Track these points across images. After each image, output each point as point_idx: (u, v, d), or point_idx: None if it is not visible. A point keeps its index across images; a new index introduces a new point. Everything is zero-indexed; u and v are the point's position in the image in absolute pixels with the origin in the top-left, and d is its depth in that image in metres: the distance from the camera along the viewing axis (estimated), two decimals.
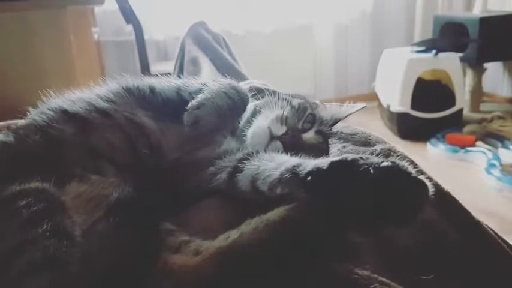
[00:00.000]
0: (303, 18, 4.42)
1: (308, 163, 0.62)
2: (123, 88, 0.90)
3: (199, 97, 0.84)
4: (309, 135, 0.87)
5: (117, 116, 0.81)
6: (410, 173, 0.56)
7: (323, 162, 0.60)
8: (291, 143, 0.82)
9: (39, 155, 0.73)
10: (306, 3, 4.36)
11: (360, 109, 1.01)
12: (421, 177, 0.56)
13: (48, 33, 1.95)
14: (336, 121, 0.98)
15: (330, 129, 0.95)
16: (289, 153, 0.73)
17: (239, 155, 0.78)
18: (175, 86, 0.91)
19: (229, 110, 0.85)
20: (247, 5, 4.17)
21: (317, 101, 1.03)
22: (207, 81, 0.91)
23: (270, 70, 3.85)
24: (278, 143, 0.81)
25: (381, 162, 0.56)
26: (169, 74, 1.92)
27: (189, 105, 0.83)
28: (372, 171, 0.55)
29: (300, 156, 0.69)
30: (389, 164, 0.56)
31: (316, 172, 0.59)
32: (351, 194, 0.56)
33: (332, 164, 0.59)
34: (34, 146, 0.74)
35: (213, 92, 0.85)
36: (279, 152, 0.77)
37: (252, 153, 0.75)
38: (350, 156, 0.59)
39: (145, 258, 0.61)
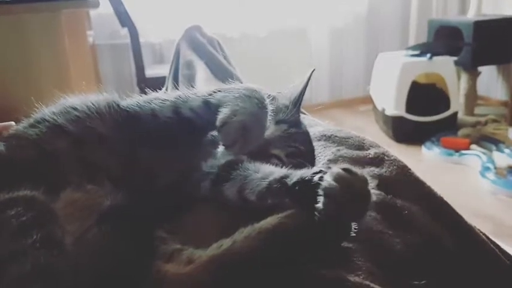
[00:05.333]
0: (298, 21, 4.43)
1: (295, 173, 0.64)
2: (120, 116, 0.81)
3: (225, 109, 0.72)
4: (270, 131, 0.85)
5: (110, 145, 0.78)
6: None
7: (307, 172, 0.63)
8: (256, 150, 0.80)
9: (31, 164, 0.72)
10: (301, 6, 4.36)
11: (312, 73, 0.98)
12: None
13: (43, 36, 1.95)
14: (297, 100, 0.94)
15: (295, 111, 0.92)
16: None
17: (221, 161, 0.77)
18: (170, 105, 0.80)
19: (260, 109, 0.74)
20: (243, 9, 4.17)
21: (271, 92, 1.03)
22: (207, 89, 0.80)
23: (265, 73, 3.84)
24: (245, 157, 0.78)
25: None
26: (165, 77, 1.93)
27: (220, 119, 0.71)
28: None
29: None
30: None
31: (301, 182, 0.62)
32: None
33: (313, 175, 0.62)
34: (26, 156, 0.74)
35: (234, 99, 0.74)
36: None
37: (236, 161, 0.75)
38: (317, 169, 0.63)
39: (138, 267, 0.61)
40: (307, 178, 0.62)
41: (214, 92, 0.78)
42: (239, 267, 0.59)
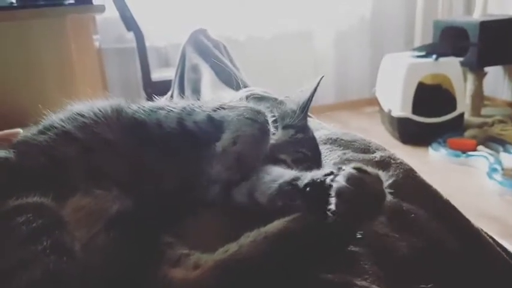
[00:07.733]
0: (303, 24, 4.44)
1: (306, 175, 0.63)
2: (128, 122, 0.82)
3: (227, 133, 0.74)
4: (277, 136, 0.84)
5: (118, 151, 0.78)
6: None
7: (318, 173, 0.62)
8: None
9: (40, 170, 0.72)
10: (305, 9, 4.38)
11: (321, 79, 0.96)
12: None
13: (49, 41, 1.96)
14: (304, 105, 0.93)
15: (302, 117, 0.92)
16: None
17: None
18: (175, 116, 0.80)
19: (262, 134, 0.75)
20: (248, 12, 4.19)
21: (278, 97, 1.02)
22: (213, 104, 0.81)
23: (270, 76, 3.86)
24: None
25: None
26: (171, 80, 1.93)
27: (220, 145, 0.73)
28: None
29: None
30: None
31: (312, 184, 0.61)
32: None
33: (325, 176, 0.61)
34: (35, 162, 0.73)
35: (236, 123, 0.74)
36: None
37: None
38: (328, 170, 0.61)
39: (145, 272, 0.62)
40: (318, 180, 0.61)
41: (218, 109, 0.79)
42: (245, 272, 0.60)
